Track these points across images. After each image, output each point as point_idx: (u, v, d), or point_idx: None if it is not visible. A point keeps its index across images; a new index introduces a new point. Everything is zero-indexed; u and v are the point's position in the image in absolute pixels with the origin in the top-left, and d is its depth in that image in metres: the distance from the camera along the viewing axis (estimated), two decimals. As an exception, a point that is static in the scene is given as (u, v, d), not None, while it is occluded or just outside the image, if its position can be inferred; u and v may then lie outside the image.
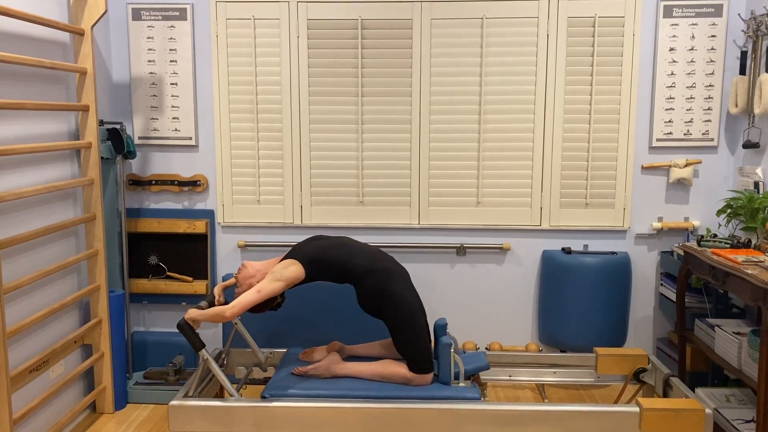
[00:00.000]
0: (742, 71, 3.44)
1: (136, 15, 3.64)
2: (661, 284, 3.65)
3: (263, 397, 2.61)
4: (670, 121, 3.59)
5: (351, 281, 2.74)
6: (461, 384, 2.68)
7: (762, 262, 2.68)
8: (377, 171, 3.69)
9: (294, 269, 2.66)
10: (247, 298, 2.59)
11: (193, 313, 2.63)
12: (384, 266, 2.74)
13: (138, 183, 3.74)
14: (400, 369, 2.70)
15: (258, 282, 2.73)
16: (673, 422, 2.46)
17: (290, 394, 2.63)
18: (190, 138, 3.72)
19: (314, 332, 3.62)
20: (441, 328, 2.81)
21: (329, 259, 2.72)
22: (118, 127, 3.43)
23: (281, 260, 2.77)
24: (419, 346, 2.67)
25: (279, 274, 2.65)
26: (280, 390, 2.65)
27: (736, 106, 3.41)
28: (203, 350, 2.62)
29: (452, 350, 2.66)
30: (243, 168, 3.72)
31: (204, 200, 3.78)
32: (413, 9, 3.56)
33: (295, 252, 2.76)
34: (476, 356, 2.86)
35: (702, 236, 3.07)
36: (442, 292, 3.79)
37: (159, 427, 3.25)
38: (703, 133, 3.59)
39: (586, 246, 3.69)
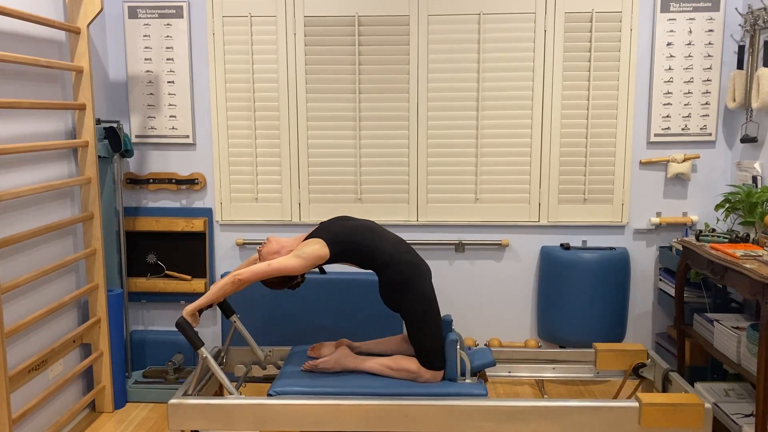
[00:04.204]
0: (740, 66, 3.44)
1: (132, 13, 3.63)
2: (660, 279, 3.65)
3: (269, 395, 2.60)
4: (667, 116, 3.59)
5: (374, 268, 2.68)
6: (467, 380, 2.68)
7: (760, 256, 2.69)
8: (375, 168, 3.69)
9: (317, 248, 2.60)
10: (260, 268, 2.54)
11: (192, 305, 2.58)
12: (409, 259, 2.68)
13: (135, 182, 3.74)
14: (410, 364, 2.67)
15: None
16: (673, 417, 2.47)
17: (295, 392, 2.61)
18: (188, 136, 3.71)
19: (315, 330, 3.62)
20: (447, 324, 2.80)
21: (356, 243, 2.65)
22: (115, 125, 3.42)
23: (306, 238, 2.72)
24: (434, 342, 2.64)
25: (300, 251, 2.58)
26: (286, 387, 2.63)
27: (734, 100, 3.40)
28: (202, 348, 2.61)
29: (458, 347, 2.66)
30: (241, 166, 3.72)
31: (202, 198, 3.78)
32: (410, 5, 3.56)
33: (321, 231, 2.70)
34: (482, 352, 2.85)
35: (700, 231, 3.07)
36: (440, 288, 3.79)
37: (158, 425, 3.25)
38: (701, 128, 3.59)
39: (584, 241, 3.69)
